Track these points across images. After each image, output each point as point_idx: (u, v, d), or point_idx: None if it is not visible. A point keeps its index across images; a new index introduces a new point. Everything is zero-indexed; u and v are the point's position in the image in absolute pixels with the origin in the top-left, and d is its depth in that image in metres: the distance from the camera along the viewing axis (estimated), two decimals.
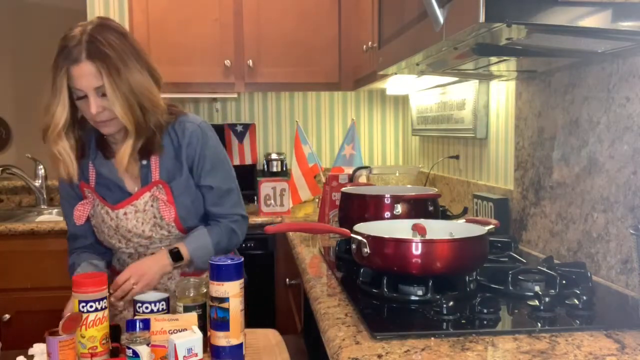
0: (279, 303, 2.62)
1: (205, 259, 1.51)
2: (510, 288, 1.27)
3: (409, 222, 1.45)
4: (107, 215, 1.57)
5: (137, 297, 1.26)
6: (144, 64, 1.51)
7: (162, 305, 1.25)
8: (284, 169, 3.18)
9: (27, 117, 5.39)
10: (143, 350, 1.07)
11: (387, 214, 1.66)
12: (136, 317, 1.21)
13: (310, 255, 1.78)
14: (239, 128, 3.14)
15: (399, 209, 1.65)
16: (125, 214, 1.56)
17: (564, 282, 1.29)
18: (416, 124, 2.90)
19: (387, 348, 0.98)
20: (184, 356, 1.09)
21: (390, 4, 1.66)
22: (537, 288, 1.27)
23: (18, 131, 5.41)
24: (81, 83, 1.42)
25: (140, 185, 1.58)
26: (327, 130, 3.36)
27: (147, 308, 1.24)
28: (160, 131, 1.55)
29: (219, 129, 3.00)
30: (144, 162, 1.57)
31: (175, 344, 1.09)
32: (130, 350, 1.07)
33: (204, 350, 1.15)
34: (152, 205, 1.57)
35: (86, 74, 1.41)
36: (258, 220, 2.60)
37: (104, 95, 1.42)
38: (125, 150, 1.49)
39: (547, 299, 1.13)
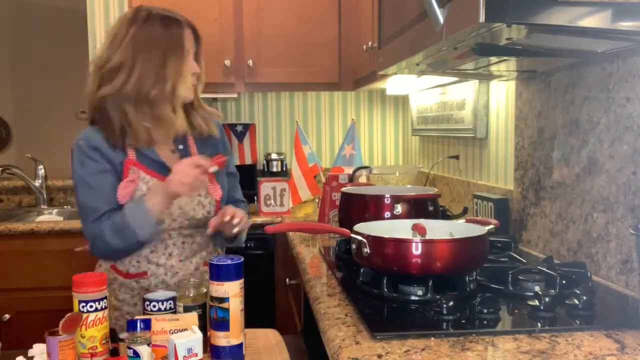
0: (279, 303, 2.62)
1: (244, 234, 1.68)
2: (510, 288, 1.27)
3: (409, 222, 1.46)
4: None
5: (146, 296, 1.26)
6: None
7: (170, 304, 1.24)
8: (284, 169, 3.18)
9: (27, 117, 5.40)
10: (144, 350, 1.07)
11: (387, 214, 1.66)
12: (137, 317, 1.21)
13: (310, 255, 1.78)
14: (239, 128, 3.14)
15: (399, 209, 1.65)
16: None
17: (564, 282, 1.29)
18: (416, 124, 2.90)
19: (387, 348, 0.98)
20: (184, 356, 1.10)
21: (390, 4, 1.66)
22: (537, 288, 1.27)
23: (18, 131, 5.41)
24: (189, 41, 1.58)
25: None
26: (327, 130, 3.36)
27: (154, 306, 1.23)
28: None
29: None
30: (180, 146, 1.64)
31: (175, 344, 1.09)
32: (131, 350, 1.07)
33: (204, 350, 1.15)
34: None
35: (189, 36, 1.59)
36: (258, 220, 2.60)
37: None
38: (181, 114, 1.59)
39: (547, 299, 1.13)
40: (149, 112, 1.55)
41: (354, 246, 1.35)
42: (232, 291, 1.17)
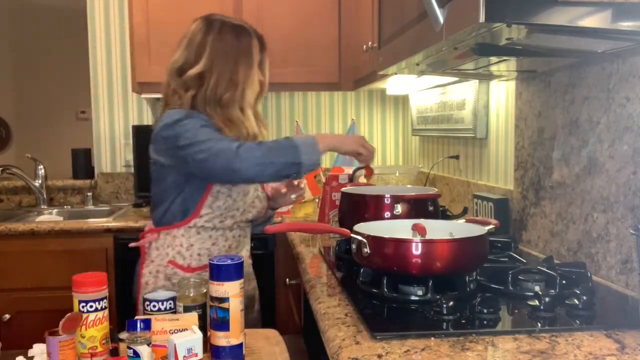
0: (279, 303, 2.62)
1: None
2: (510, 288, 1.27)
3: (409, 222, 1.45)
4: None
5: (146, 296, 1.26)
6: None
7: (170, 304, 1.24)
8: None
9: (27, 117, 5.40)
10: (144, 350, 1.07)
11: (387, 214, 1.66)
12: (137, 317, 1.21)
13: (310, 255, 1.78)
14: None
15: (399, 209, 1.65)
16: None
17: (564, 282, 1.29)
18: (416, 124, 2.90)
19: (387, 348, 0.98)
20: (184, 356, 1.10)
21: (390, 4, 1.66)
22: (537, 288, 1.27)
23: (18, 131, 5.42)
24: (257, 52, 1.75)
25: None
26: (327, 130, 3.36)
27: (154, 306, 1.23)
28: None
29: None
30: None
31: (175, 344, 1.09)
32: (131, 350, 1.07)
33: (204, 350, 1.15)
34: None
35: (256, 46, 1.75)
36: None
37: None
38: (251, 118, 1.74)
39: (547, 299, 1.13)
40: (221, 114, 1.67)
41: (354, 246, 1.35)
42: (232, 291, 1.17)
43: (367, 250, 1.29)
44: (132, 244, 1.81)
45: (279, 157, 1.54)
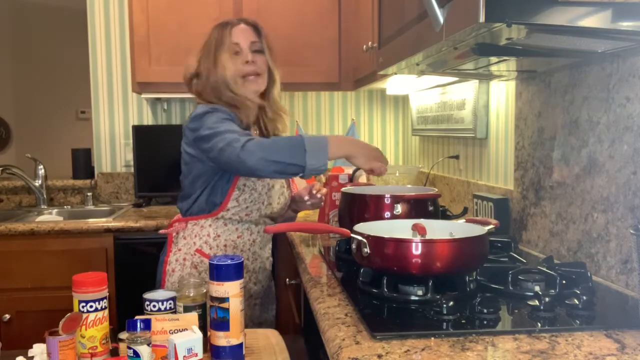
0: (279, 303, 2.62)
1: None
2: (510, 288, 1.27)
3: (409, 222, 1.45)
4: None
5: (146, 296, 1.26)
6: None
7: (170, 304, 1.24)
8: None
9: (27, 117, 5.40)
10: (144, 350, 1.07)
11: (387, 214, 1.66)
12: (137, 317, 1.21)
13: (310, 255, 1.78)
14: None
15: (399, 209, 1.65)
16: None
17: (564, 282, 1.29)
18: (416, 124, 2.90)
19: (387, 348, 0.98)
20: (184, 356, 1.10)
21: (390, 4, 1.66)
22: (537, 288, 1.27)
23: (18, 131, 5.41)
24: (239, 37, 1.80)
25: None
26: (327, 130, 3.36)
27: (154, 306, 1.23)
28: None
29: None
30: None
31: (175, 344, 1.09)
32: (131, 350, 1.07)
33: (204, 350, 1.15)
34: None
35: (245, 30, 1.82)
36: None
37: (255, 52, 1.80)
38: (274, 94, 1.89)
39: (547, 299, 1.13)
40: (221, 101, 1.77)
41: (354, 246, 1.35)
42: (232, 291, 1.17)
43: (367, 250, 1.29)
44: (161, 231, 1.90)
45: (284, 156, 1.54)
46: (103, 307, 1.19)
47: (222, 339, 1.18)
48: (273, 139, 1.64)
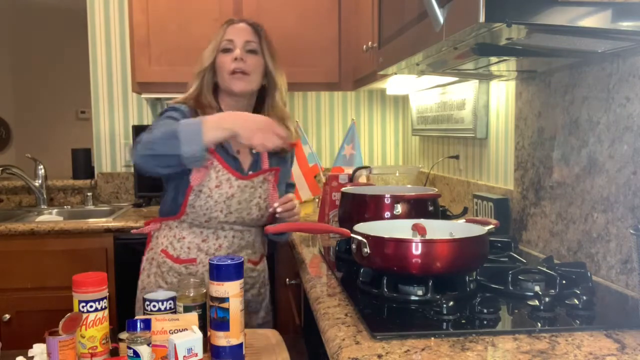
0: (279, 303, 2.62)
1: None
2: (510, 288, 1.27)
3: (409, 222, 1.45)
4: (227, 182, 1.69)
5: (146, 296, 1.26)
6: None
7: (170, 304, 1.24)
8: None
9: (27, 117, 5.40)
10: (144, 350, 1.07)
11: (387, 214, 1.66)
12: (137, 317, 1.21)
13: (310, 255, 1.78)
14: None
15: (399, 209, 1.65)
16: (245, 186, 1.71)
17: (564, 282, 1.29)
18: (416, 124, 2.90)
19: (387, 348, 0.98)
20: (184, 356, 1.10)
21: (390, 4, 1.66)
22: (537, 288, 1.27)
23: (18, 131, 5.42)
24: (233, 35, 1.76)
25: (250, 168, 1.76)
26: (327, 130, 3.36)
27: (154, 306, 1.23)
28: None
29: None
30: (254, 150, 1.73)
31: (175, 344, 1.09)
32: (131, 350, 1.07)
33: (204, 350, 1.15)
34: (260, 187, 1.75)
35: (242, 29, 1.78)
36: None
37: (249, 52, 1.75)
38: (274, 101, 1.83)
39: (547, 299, 1.13)
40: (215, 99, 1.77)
41: (354, 246, 1.35)
42: (232, 291, 1.17)
43: (367, 250, 1.29)
44: (133, 231, 1.89)
45: (160, 148, 1.48)
46: (103, 307, 1.19)
47: (222, 339, 1.18)
48: (152, 131, 1.54)
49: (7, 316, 2.49)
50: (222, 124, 1.50)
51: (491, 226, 1.38)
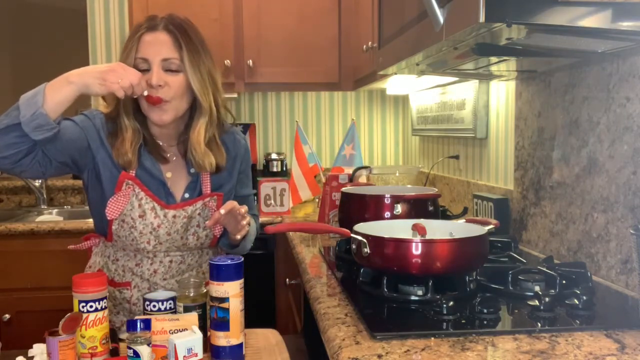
0: (279, 303, 2.62)
1: (248, 243, 1.60)
2: (510, 288, 1.27)
3: (409, 222, 1.45)
4: (151, 212, 1.47)
5: (146, 296, 1.26)
6: (213, 62, 1.49)
7: (170, 304, 1.24)
8: (284, 169, 3.18)
9: None
10: (144, 350, 1.07)
11: (387, 214, 1.66)
12: (137, 317, 1.21)
13: (310, 255, 1.78)
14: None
15: (399, 209, 1.65)
16: (174, 216, 1.49)
17: (564, 282, 1.29)
18: (416, 124, 2.90)
19: (387, 348, 0.98)
20: (184, 356, 1.10)
21: (390, 4, 1.66)
22: (537, 288, 1.27)
23: None
24: (148, 51, 1.40)
25: (187, 191, 1.52)
26: (327, 130, 3.36)
27: (154, 306, 1.23)
28: (220, 134, 1.54)
29: None
30: (192, 170, 1.52)
31: (175, 344, 1.09)
32: (131, 350, 1.07)
33: (204, 350, 1.15)
34: (199, 214, 1.52)
35: (158, 42, 1.41)
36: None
37: (169, 71, 1.40)
38: (200, 129, 1.46)
39: (547, 299, 1.13)
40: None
41: (354, 246, 1.35)
42: (232, 291, 1.17)
43: (367, 250, 1.29)
44: (70, 247, 1.65)
45: (1, 123, 1.28)
46: (103, 307, 1.19)
47: (222, 339, 1.18)
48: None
49: (7, 316, 2.49)
50: (68, 78, 1.32)
51: (491, 226, 1.38)
